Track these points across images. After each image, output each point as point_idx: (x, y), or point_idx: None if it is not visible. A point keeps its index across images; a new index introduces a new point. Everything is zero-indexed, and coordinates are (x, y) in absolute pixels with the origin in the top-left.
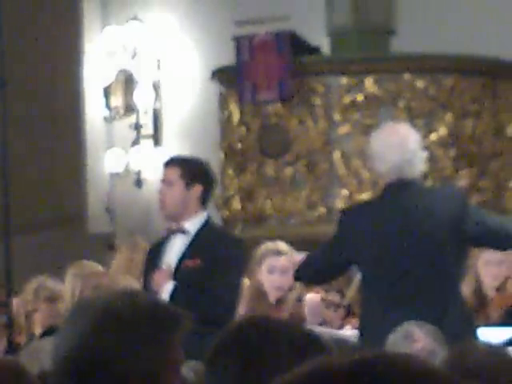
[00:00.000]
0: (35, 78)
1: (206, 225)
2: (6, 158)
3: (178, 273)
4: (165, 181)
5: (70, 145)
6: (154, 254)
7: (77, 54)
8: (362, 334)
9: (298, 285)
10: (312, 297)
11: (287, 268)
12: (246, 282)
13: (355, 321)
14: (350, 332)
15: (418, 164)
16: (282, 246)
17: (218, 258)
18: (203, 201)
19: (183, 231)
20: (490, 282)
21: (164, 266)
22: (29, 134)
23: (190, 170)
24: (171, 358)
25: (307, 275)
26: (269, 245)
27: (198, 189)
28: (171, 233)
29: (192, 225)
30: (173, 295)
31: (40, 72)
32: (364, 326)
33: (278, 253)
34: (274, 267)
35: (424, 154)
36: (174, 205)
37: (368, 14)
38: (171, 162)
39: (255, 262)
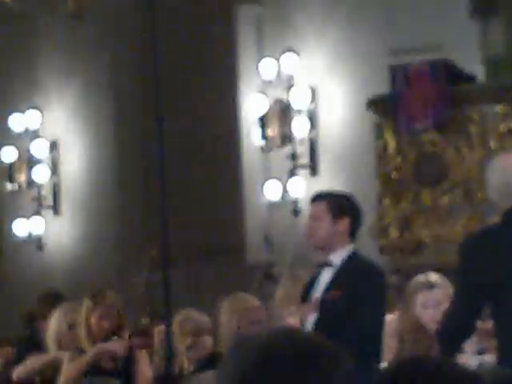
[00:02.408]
0: (193, 111)
1: (352, 257)
2: (164, 191)
3: (322, 305)
4: (312, 216)
5: (228, 175)
6: (308, 287)
7: (233, 86)
8: (501, 361)
9: None
10: None
11: (441, 300)
12: (401, 314)
13: None
14: None
15: None
16: (433, 277)
17: (359, 289)
18: (350, 233)
19: (330, 264)
20: None
21: (312, 299)
22: (186, 165)
23: (336, 204)
24: None
25: (453, 340)
26: (420, 278)
27: (345, 222)
28: (319, 266)
29: (338, 257)
30: (316, 327)
31: (197, 105)
32: (503, 354)
33: (430, 286)
34: (427, 302)
35: None
36: (322, 239)
37: None
38: (317, 198)
39: (409, 296)
